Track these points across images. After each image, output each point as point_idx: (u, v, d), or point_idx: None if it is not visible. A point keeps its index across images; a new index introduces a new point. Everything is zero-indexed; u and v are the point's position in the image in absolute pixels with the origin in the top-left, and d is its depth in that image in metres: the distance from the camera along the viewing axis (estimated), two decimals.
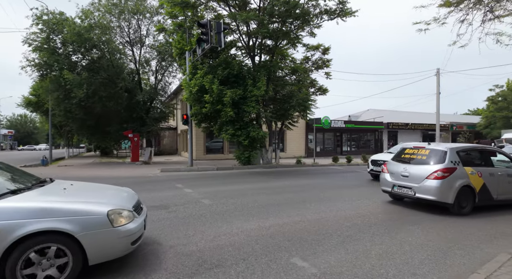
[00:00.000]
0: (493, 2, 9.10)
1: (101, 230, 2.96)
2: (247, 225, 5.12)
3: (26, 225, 2.64)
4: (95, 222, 2.96)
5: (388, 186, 6.98)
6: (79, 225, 2.85)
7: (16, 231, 2.60)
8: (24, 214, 2.71)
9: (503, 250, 3.91)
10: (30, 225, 2.65)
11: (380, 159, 10.93)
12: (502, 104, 31.19)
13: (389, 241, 4.42)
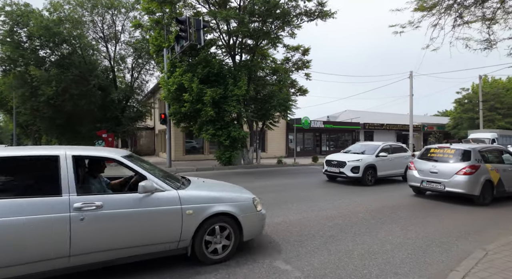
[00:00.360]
0: (462, 8, 9.54)
1: (251, 213, 3.80)
2: None
3: (211, 207, 3.50)
4: (247, 207, 3.79)
5: (417, 182, 7.75)
6: (239, 209, 3.69)
7: (206, 211, 3.45)
8: (208, 200, 3.54)
9: (478, 246, 4.03)
10: (213, 208, 3.51)
11: (334, 159, 10.50)
12: (468, 106, 33.13)
13: (370, 241, 4.43)
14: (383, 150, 10.49)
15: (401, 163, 10.88)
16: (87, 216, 2.86)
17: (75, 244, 2.79)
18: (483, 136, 23.96)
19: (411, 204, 7.14)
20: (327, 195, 8.02)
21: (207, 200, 3.54)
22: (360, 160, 9.84)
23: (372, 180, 9.91)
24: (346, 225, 5.25)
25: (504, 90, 31.79)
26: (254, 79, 15.82)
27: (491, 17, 9.24)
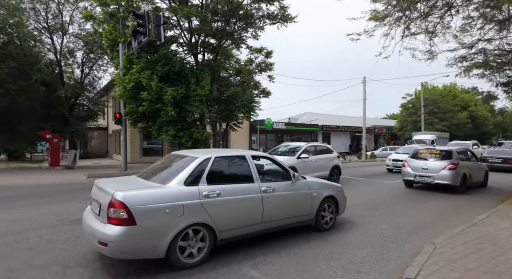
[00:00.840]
0: (409, 20, 10.45)
1: (342, 196, 5.40)
2: None
3: (324, 192, 4.97)
4: (340, 191, 5.36)
5: (411, 176, 9.50)
6: (337, 193, 5.23)
7: (322, 194, 4.92)
8: (322, 186, 5.06)
9: (427, 240, 4.38)
10: (325, 192, 4.99)
11: None
12: (411, 110, 36.61)
13: (335, 240, 4.57)
14: (305, 151, 9.94)
15: (325, 165, 10.39)
16: (269, 196, 4.14)
17: (264, 214, 4.08)
18: (425, 137, 26.62)
19: (360, 204, 7.57)
20: None
21: (321, 186, 5.06)
22: None
23: None
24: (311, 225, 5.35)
25: (440, 97, 35.72)
26: (217, 80, 15.56)
27: (432, 31, 10.24)
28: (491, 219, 5.45)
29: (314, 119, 33.65)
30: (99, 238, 3.09)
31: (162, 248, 3.21)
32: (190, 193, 3.48)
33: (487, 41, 8.98)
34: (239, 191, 3.88)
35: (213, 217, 3.54)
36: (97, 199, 3.46)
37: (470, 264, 3.38)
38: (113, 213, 3.08)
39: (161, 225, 3.21)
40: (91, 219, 3.46)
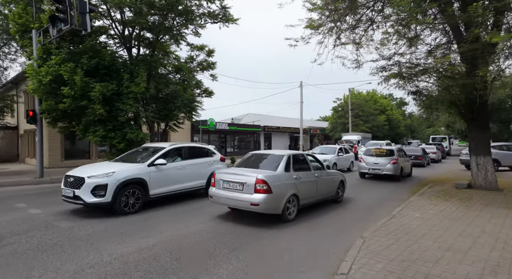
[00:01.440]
0: (340, 31, 11.44)
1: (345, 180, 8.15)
2: (123, 249, 4.24)
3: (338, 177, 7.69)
4: (344, 177, 8.05)
5: (366, 169, 12.51)
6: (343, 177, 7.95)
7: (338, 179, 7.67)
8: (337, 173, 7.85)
9: (357, 235, 4.80)
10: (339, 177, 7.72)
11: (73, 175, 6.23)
12: (341, 113, 40.57)
13: (277, 241, 4.65)
14: (165, 155, 7.21)
15: (198, 172, 7.91)
16: (318, 179, 6.55)
17: (318, 190, 6.54)
18: (352, 138, 29.58)
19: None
20: None
21: (336, 173, 7.69)
22: (111, 174, 6.09)
23: (136, 206, 6.31)
24: (256, 228, 5.36)
25: (364, 101, 40.36)
26: (155, 77, 14.55)
27: (358, 42, 11.38)
28: (406, 211, 6.29)
29: (256, 120, 34.38)
30: (252, 202, 5.27)
31: (281, 208, 5.50)
32: (289, 176, 5.82)
33: (401, 55, 10.38)
34: (306, 175, 6.28)
35: (299, 191, 5.91)
36: (237, 181, 5.57)
37: (391, 254, 3.80)
38: (259, 186, 5.26)
39: (282, 194, 5.51)
40: (234, 193, 5.57)
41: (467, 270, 3.33)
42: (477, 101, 8.55)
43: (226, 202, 5.77)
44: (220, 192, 5.78)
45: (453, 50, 9.53)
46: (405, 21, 9.07)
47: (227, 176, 5.81)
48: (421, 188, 9.70)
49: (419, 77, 9.97)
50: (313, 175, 6.46)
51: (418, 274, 3.24)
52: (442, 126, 41.10)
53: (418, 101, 11.24)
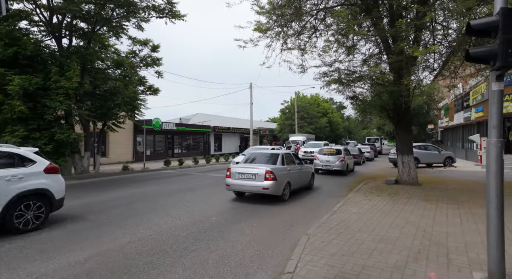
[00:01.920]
0: (286, 36, 11.89)
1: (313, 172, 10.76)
2: (51, 265, 3.71)
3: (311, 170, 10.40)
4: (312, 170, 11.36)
5: (319, 166, 14.61)
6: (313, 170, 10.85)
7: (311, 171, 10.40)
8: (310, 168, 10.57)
9: (302, 232, 5.02)
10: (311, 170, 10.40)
11: None
12: (288, 115, 42.46)
13: (223, 245, 4.58)
14: None
15: None
16: (299, 170, 9.02)
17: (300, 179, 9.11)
18: (298, 139, 31.06)
19: (249, 202, 8.09)
20: (181, 202, 7.76)
21: (309, 167, 10.03)
22: None
23: None
24: (200, 232, 5.21)
25: (308, 104, 42.88)
26: (90, 71, 13.18)
27: (303, 48, 11.98)
28: (345, 207, 6.82)
29: (206, 120, 33.70)
30: (263, 186, 7.42)
31: (281, 191, 7.70)
32: (284, 168, 8.10)
33: (340, 62, 11.25)
34: (293, 168, 8.60)
35: (291, 179, 8.20)
36: (250, 172, 7.70)
37: (333, 249, 4.06)
38: (268, 176, 7.42)
39: (282, 181, 7.72)
40: (248, 182, 7.69)
41: (396, 258, 3.73)
42: (402, 107, 9.72)
43: (242, 189, 7.96)
44: (236, 182, 7.87)
45: (383, 60, 10.67)
46: (344, 31, 9.85)
47: (240, 169, 7.95)
48: (357, 184, 10.65)
49: (356, 84, 10.92)
50: (297, 167, 8.98)
51: (356, 266, 3.51)
52: (374, 128, 45.94)
53: (354, 106, 12.30)
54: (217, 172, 15.43)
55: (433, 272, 3.25)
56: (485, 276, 3.14)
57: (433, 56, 9.96)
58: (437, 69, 10.62)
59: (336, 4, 10.99)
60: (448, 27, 9.42)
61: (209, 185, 10.77)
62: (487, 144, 3.19)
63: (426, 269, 3.42)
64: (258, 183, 7.52)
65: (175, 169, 17.14)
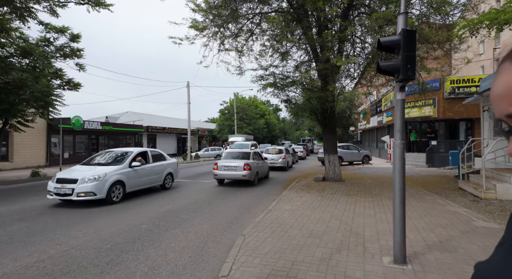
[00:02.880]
0: (224, 37, 11.88)
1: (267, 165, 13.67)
2: None
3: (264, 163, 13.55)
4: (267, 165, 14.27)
5: (268, 161, 15.47)
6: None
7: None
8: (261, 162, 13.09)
9: (239, 233, 5.04)
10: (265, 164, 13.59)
11: None
12: (227, 116, 42.54)
13: (154, 254, 4.28)
14: None
15: None
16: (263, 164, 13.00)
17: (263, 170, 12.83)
18: (237, 139, 31.38)
19: (184, 206, 7.81)
20: (108, 209, 6.98)
21: (268, 163, 13.72)
22: None
23: None
24: (127, 242, 4.77)
25: (247, 106, 43.76)
26: None
27: (241, 50, 12.15)
28: (279, 204, 7.13)
29: (138, 120, 31.23)
30: (242, 174, 10.57)
31: (253, 178, 11.05)
32: (254, 162, 11.63)
33: (275, 67, 11.77)
34: (259, 162, 12.06)
35: (258, 169, 11.78)
36: (233, 165, 10.74)
37: (267, 248, 4.18)
38: (245, 167, 10.57)
39: (254, 171, 11.00)
40: (231, 172, 10.73)
41: (322, 251, 4.05)
42: (328, 110, 10.68)
43: (227, 177, 10.92)
44: (222, 172, 10.87)
45: (312, 67, 11.56)
46: (278, 37, 10.32)
47: (225, 163, 10.94)
48: (290, 183, 11.29)
49: (289, 88, 11.57)
50: (261, 162, 12.26)
51: (287, 262, 3.68)
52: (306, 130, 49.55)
53: (288, 108, 13.02)
54: None
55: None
56: (392, 259, 3.66)
57: (353, 66, 11.23)
58: (357, 78, 12.02)
59: (271, 11, 11.45)
60: (365, 41, 10.74)
61: (143, 189, 9.99)
62: (393, 145, 3.73)
63: (347, 258, 3.80)
64: (239, 172, 10.65)
65: None
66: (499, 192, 7.33)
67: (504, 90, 0.42)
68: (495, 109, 0.45)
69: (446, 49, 9.75)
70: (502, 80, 0.43)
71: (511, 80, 0.41)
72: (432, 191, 8.78)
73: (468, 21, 6.20)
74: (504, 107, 0.42)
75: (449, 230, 4.89)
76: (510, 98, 0.41)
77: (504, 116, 0.43)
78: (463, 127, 17.89)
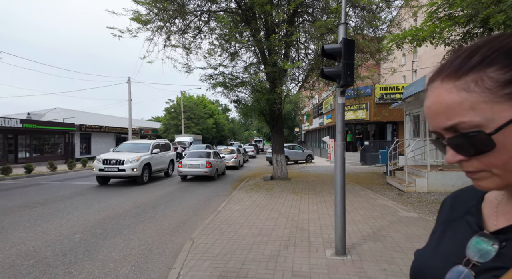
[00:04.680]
0: (170, 32, 11.36)
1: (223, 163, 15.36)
2: None
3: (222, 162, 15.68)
4: None
5: None
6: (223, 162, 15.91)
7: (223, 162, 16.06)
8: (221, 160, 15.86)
9: (187, 237, 4.86)
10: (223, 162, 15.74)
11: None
12: (174, 115, 40.71)
13: (91, 266, 3.85)
14: None
15: None
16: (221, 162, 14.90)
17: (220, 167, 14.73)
18: (184, 139, 30.36)
19: (126, 211, 7.26)
20: (29, 220, 6.03)
21: (224, 161, 15.70)
22: None
23: None
24: (57, 255, 4.20)
25: (195, 105, 42.59)
26: None
27: (188, 47, 11.78)
28: (229, 205, 7.10)
29: (69, 117, 27.75)
30: (205, 171, 12.20)
31: (214, 173, 12.85)
32: (215, 160, 13.41)
33: (224, 66, 11.72)
34: (218, 160, 13.85)
35: (218, 166, 13.85)
36: (196, 163, 12.32)
37: (216, 250, 4.12)
38: (207, 164, 12.41)
39: (214, 168, 12.84)
40: (195, 169, 12.29)
41: (271, 249, 4.16)
42: (276, 112, 11.05)
43: (191, 173, 12.45)
44: (186, 169, 12.34)
45: (261, 69, 11.83)
46: (227, 37, 10.30)
47: (189, 161, 12.48)
48: (240, 183, 11.36)
49: (239, 89, 11.63)
50: (220, 160, 14.07)
51: (237, 262, 3.69)
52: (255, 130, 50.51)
53: (238, 109, 13.10)
54: (83, 179, 12.98)
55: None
56: (334, 251, 3.95)
57: (298, 71, 11.83)
58: (301, 82, 12.70)
59: (219, 9, 11.36)
60: (308, 47, 11.42)
61: (71, 196, 8.91)
62: (335, 145, 4.03)
63: (294, 254, 3.98)
64: (201, 169, 12.25)
65: (20, 178, 13.29)
66: (418, 185, 8.53)
67: (440, 106, 0.47)
68: (430, 123, 0.50)
69: (377, 59, 10.97)
70: (436, 97, 0.48)
71: (447, 97, 0.46)
72: (365, 187, 9.77)
73: (394, 35, 7.08)
74: (442, 122, 0.47)
75: (380, 221, 5.50)
76: (446, 113, 0.46)
77: (441, 129, 0.48)
78: (389, 129, 20.35)
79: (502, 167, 0.45)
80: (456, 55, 0.48)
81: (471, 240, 0.53)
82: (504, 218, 0.52)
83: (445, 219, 0.62)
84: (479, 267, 0.48)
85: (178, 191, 9.91)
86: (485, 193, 0.59)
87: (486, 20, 4.85)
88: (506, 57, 0.44)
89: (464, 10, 5.54)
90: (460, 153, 0.47)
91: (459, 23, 5.72)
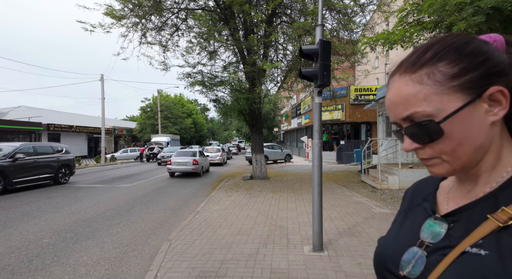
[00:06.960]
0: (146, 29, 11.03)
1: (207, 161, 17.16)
2: None
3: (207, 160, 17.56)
4: None
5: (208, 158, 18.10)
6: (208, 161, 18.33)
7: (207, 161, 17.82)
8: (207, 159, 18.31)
9: (164, 238, 4.75)
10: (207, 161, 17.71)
11: None
12: (150, 114, 39.51)
13: (60, 271, 3.65)
14: None
15: None
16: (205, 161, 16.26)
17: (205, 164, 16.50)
18: (161, 139, 29.63)
19: (99, 214, 6.97)
20: None
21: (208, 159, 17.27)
22: None
23: None
24: (22, 262, 3.94)
25: (173, 104, 41.63)
26: None
27: (165, 45, 11.51)
28: (208, 205, 7.03)
29: (35, 116, 26.09)
30: (192, 168, 13.63)
31: (200, 171, 14.24)
32: (201, 158, 14.94)
33: (203, 65, 11.57)
34: (203, 158, 15.58)
35: (202, 164, 15.11)
36: (183, 161, 13.69)
37: (195, 250, 4.07)
38: (194, 162, 13.72)
39: (200, 165, 14.22)
40: (183, 166, 13.63)
41: (250, 247, 4.18)
42: (256, 112, 11.09)
43: (179, 170, 13.66)
44: (175, 166, 13.60)
45: (240, 69, 11.82)
46: (205, 35, 10.19)
47: (177, 159, 13.73)
48: (219, 183, 11.27)
49: (218, 88, 11.54)
50: (205, 159, 15.67)
51: (216, 262, 3.66)
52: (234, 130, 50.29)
53: (217, 108, 12.99)
54: None
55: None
56: (311, 248, 4.04)
57: (277, 71, 11.95)
58: (280, 82, 12.84)
59: (197, 7, 11.21)
60: (286, 48, 11.56)
61: (38, 199, 8.39)
62: (312, 143, 4.12)
63: (273, 251, 4.02)
64: (189, 166, 13.52)
65: None
66: (390, 182, 8.94)
67: (399, 98, 0.51)
68: (391, 114, 0.55)
69: (352, 62, 11.35)
70: (395, 90, 0.52)
71: (404, 90, 0.50)
72: (341, 185, 10.07)
73: (368, 38, 7.37)
74: (400, 112, 0.51)
75: (355, 217, 5.70)
76: (403, 104, 0.51)
77: (399, 120, 0.52)
78: (364, 129, 21.13)
79: (450, 153, 0.49)
80: (413, 51, 0.53)
81: (425, 223, 0.57)
82: (454, 202, 0.57)
83: (406, 207, 0.67)
84: (430, 247, 0.53)
85: (155, 192, 9.64)
86: (440, 181, 0.64)
87: (450, 27, 5.19)
88: (454, 53, 0.49)
89: (431, 17, 5.88)
90: (415, 141, 0.52)
91: (427, 28, 6.07)
